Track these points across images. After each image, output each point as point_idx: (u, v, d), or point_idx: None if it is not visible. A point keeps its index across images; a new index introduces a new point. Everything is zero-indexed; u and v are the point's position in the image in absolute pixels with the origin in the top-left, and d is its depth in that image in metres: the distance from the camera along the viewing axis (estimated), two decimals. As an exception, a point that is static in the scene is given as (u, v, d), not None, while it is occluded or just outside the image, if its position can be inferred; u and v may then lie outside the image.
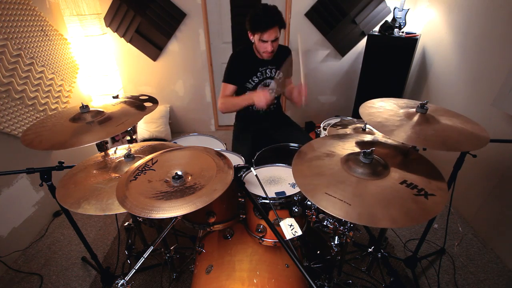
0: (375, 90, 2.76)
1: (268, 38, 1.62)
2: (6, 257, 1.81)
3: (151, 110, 1.39)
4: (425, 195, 0.82)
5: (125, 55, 2.95)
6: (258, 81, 1.85)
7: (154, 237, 1.97)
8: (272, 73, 1.85)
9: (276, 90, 1.87)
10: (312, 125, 3.32)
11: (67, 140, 1.11)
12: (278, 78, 1.86)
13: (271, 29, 1.59)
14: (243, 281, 1.12)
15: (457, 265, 1.77)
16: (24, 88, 1.92)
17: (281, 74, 1.87)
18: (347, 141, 1.14)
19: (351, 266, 1.71)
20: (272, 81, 1.88)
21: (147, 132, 3.10)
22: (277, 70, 1.85)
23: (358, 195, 0.85)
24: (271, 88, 1.88)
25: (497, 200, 1.84)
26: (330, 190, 0.87)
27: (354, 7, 2.70)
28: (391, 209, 0.80)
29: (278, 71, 1.86)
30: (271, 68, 1.84)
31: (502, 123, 1.74)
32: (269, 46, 1.66)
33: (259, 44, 1.68)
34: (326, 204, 0.83)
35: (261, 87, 1.87)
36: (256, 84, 1.86)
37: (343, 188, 0.88)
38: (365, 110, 1.20)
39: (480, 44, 1.96)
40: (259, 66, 1.81)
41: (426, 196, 0.82)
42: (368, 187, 0.88)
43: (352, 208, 0.80)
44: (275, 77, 1.86)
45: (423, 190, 0.84)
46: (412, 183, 0.87)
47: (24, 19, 1.93)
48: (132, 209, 0.86)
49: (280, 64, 1.84)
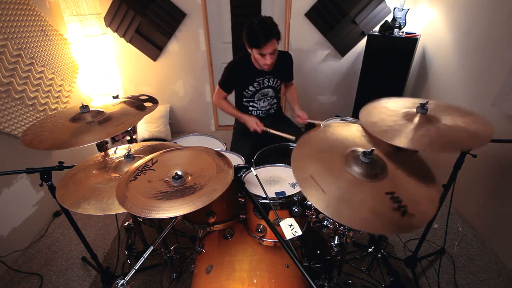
0: (375, 90, 2.76)
1: (266, 52, 1.63)
2: (6, 257, 1.81)
3: (151, 110, 1.40)
4: (402, 213, 0.80)
5: (125, 55, 2.95)
6: (255, 91, 1.87)
7: (154, 237, 1.97)
8: (270, 83, 1.86)
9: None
10: (312, 125, 3.31)
11: (67, 140, 1.11)
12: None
13: (268, 42, 1.59)
14: (243, 281, 1.12)
15: (457, 265, 1.77)
16: (24, 88, 1.92)
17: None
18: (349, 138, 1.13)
19: (351, 266, 1.71)
20: (271, 90, 1.89)
21: (147, 132, 3.10)
22: (275, 79, 1.86)
23: (339, 189, 0.87)
24: (270, 96, 1.92)
25: (497, 200, 1.84)
26: (318, 176, 0.90)
27: (354, 7, 2.70)
28: (360, 210, 0.81)
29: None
30: (269, 78, 1.84)
31: (502, 123, 1.74)
32: (268, 59, 1.66)
33: (258, 57, 1.68)
34: (306, 185, 0.87)
35: (259, 95, 1.89)
36: (253, 94, 1.87)
37: (331, 181, 0.89)
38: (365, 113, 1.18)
39: (480, 44, 1.96)
40: (256, 76, 1.82)
41: (403, 214, 0.80)
42: (355, 186, 0.88)
43: (325, 197, 0.83)
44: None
45: (405, 207, 0.82)
46: (398, 196, 0.85)
47: (24, 19, 1.93)
48: (132, 209, 0.86)
49: (279, 71, 1.83)
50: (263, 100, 1.93)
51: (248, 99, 1.91)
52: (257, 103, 1.93)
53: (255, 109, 1.96)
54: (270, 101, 1.96)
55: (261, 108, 1.96)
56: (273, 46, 1.62)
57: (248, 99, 1.91)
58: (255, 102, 1.92)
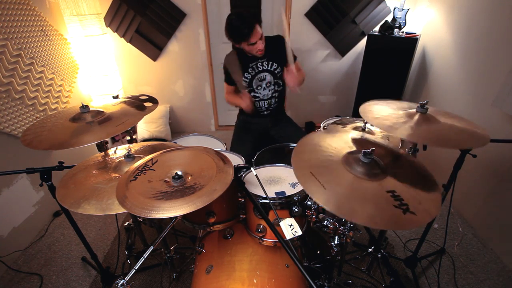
0: (375, 90, 2.76)
1: (254, 40, 1.65)
2: (6, 257, 1.81)
3: (151, 110, 1.39)
4: (404, 211, 0.80)
5: (125, 55, 2.95)
6: (251, 77, 1.88)
7: (154, 237, 1.97)
8: (265, 66, 1.86)
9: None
10: (312, 125, 3.32)
11: (67, 140, 1.11)
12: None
13: (252, 31, 1.61)
14: (243, 281, 1.12)
15: (457, 265, 1.77)
16: (24, 88, 1.92)
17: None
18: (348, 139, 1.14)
19: (351, 266, 1.71)
20: (268, 74, 1.89)
21: (147, 132, 3.10)
22: (269, 61, 1.86)
23: (338, 184, 0.88)
24: (268, 81, 1.91)
25: (497, 200, 1.84)
26: (318, 172, 0.91)
27: (354, 7, 2.70)
28: (362, 205, 0.81)
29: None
30: (262, 61, 1.85)
31: (502, 123, 1.74)
32: (259, 44, 1.69)
33: (249, 48, 1.71)
34: (305, 181, 0.88)
35: (256, 81, 1.90)
36: (250, 80, 1.89)
37: (331, 178, 0.90)
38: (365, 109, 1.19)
39: (480, 44, 1.96)
40: (249, 62, 1.84)
41: (404, 212, 0.80)
42: (356, 183, 0.89)
43: (325, 192, 0.84)
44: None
45: (406, 205, 0.82)
46: (399, 195, 0.85)
47: (24, 19, 1.93)
48: (132, 209, 0.86)
49: (273, 54, 1.84)
50: (262, 88, 1.92)
51: (247, 87, 1.91)
52: (258, 91, 1.92)
53: (257, 99, 1.95)
54: (270, 87, 1.93)
55: (263, 96, 1.94)
56: (258, 32, 1.65)
57: (248, 86, 1.91)
58: (256, 91, 1.92)
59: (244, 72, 1.86)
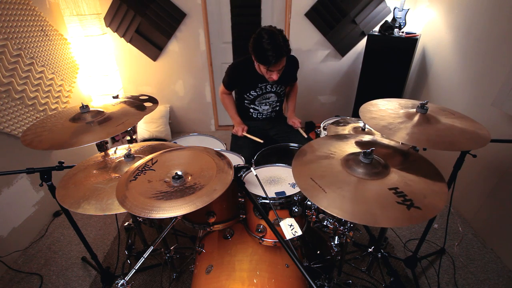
0: (375, 90, 2.76)
1: (275, 70, 1.57)
2: (6, 257, 1.81)
3: (151, 110, 1.40)
4: (408, 206, 0.80)
5: (125, 55, 2.95)
6: (256, 95, 1.86)
7: (154, 237, 1.97)
8: (274, 88, 1.84)
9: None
10: (312, 125, 3.32)
11: (67, 140, 1.11)
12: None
13: (278, 62, 1.51)
14: (243, 281, 1.12)
15: (457, 265, 1.77)
16: (24, 88, 1.92)
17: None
18: (348, 141, 1.14)
19: (351, 266, 1.71)
20: (273, 95, 1.88)
21: (147, 132, 3.10)
22: (279, 84, 1.83)
23: (339, 187, 0.88)
24: (271, 101, 1.91)
25: (497, 200, 1.84)
26: (318, 178, 0.92)
27: (354, 7, 2.70)
28: (364, 205, 0.82)
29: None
30: (272, 84, 1.82)
31: (502, 123, 1.74)
32: (275, 75, 1.59)
33: (264, 71, 1.61)
34: (305, 186, 0.89)
35: (260, 99, 1.88)
36: (254, 98, 1.87)
37: (332, 181, 0.90)
38: (365, 110, 1.20)
39: (480, 44, 1.96)
40: (258, 82, 1.79)
41: (408, 207, 0.80)
42: (357, 186, 0.89)
43: (325, 195, 0.85)
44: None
45: (410, 201, 0.82)
46: (402, 191, 0.85)
47: (24, 19, 1.93)
48: (132, 209, 0.86)
49: (283, 78, 1.72)
50: (264, 104, 1.92)
51: (249, 101, 1.90)
52: (259, 107, 1.93)
53: (256, 111, 1.96)
54: (272, 105, 1.95)
55: (262, 111, 1.96)
56: (282, 64, 1.55)
57: (249, 101, 1.90)
58: (256, 105, 1.92)
59: (250, 89, 1.82)
